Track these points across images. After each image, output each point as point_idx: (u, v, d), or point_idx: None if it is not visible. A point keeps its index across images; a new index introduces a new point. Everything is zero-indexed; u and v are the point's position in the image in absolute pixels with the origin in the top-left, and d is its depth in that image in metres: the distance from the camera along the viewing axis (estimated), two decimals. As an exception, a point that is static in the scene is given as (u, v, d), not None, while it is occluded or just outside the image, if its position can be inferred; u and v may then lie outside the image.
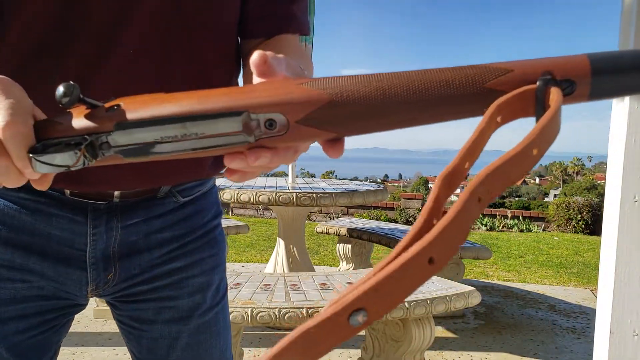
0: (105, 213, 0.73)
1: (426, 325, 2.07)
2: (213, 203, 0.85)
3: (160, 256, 0.77)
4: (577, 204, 8.16)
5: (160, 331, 0.79)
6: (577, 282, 4.33)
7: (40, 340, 0.75)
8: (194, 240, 0.80)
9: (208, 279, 0.81)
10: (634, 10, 1.24)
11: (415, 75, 0.34)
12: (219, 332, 0.83)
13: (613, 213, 1.28)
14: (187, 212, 0.79)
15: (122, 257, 0.76)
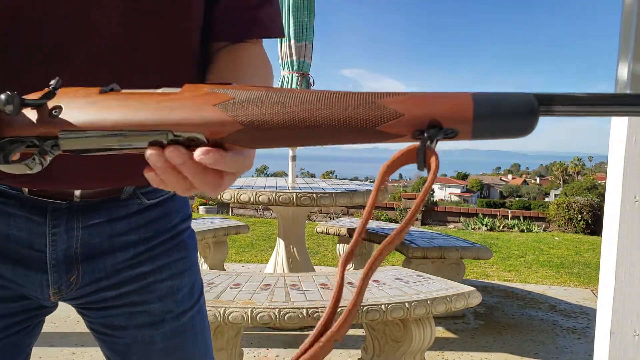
0: (65, 213, 0.71)
1: (426, 326, 2.07)
2: (181, 206, 0.83)
3: (125, 260, 0.75)
4: (578, 204, 8.16)
5: (133, 337, 0.77)
6: (577, 282, 4.32)
7: (10, 343, 0.73)
8: (162, 244, 0.78)
9: (177, 282, 0.79)
10: (634, 10, 1.23)
11: (320, 111, 0.38)
12: (196, 335, 0.81)
13: (614, 213, 1.28)
14: (153, 214, 0.77)
15: (85, 260, 0.73)
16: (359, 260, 3.82)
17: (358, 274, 2.39)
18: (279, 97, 0.39)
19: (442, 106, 0.36)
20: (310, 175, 56.58)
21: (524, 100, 0.36)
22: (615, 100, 0.36)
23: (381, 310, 1.93)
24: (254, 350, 2.59)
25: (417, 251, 3.02)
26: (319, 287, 2.15)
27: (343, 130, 0.38)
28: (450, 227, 8.65)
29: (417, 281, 2.26)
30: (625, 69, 1.26)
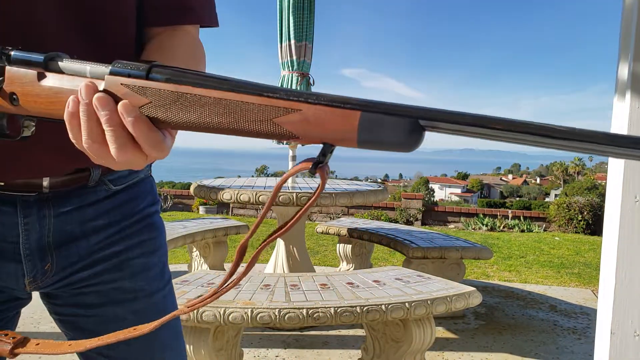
0: (35, 204, 0.72)
1: (427, 326, 2.07)
2: (148, 192, 0.85)
3: (98, 242, 0.77)
4: (578, 204, 8.15)
5: (104, 314, 0.79)
6: (578, 282, 4.32)
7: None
8: (131, 225, 0.80)
9: (149, 260, 0.81)
10: (634, 10, 1.23)
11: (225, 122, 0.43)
12: (167, 309, 0.83)
13: (614, 213, 1.28)
14: (120, 199, 0.80)
15: (59, 247, 0.75)
16: (359, 260, 3.82)
17: (359, 274, 2.39)
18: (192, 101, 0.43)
19: (331, 130, 0.40)
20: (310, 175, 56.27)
21: (403, 128, 0.38)
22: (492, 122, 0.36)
23: (381, 310, 1.93)
24: (254, 350, 2.59)
25: (417, 251, 3.02)
26: (319, 287, 2.15)
27: (245, 134, 0.43)
28: (451, 227, 8.65)
29: (417, 281, 2.26)
30: (625, 68, 1.26)
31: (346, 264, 3.87)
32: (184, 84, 0.44)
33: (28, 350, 0.60)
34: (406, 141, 0.38)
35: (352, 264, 3.81)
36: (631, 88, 1.24)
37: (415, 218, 8.84)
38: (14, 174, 0.70)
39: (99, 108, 0.45)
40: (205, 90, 0.43)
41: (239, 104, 0.42)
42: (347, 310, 1.91)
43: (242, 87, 0.43)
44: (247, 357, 2.44)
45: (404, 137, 0.38)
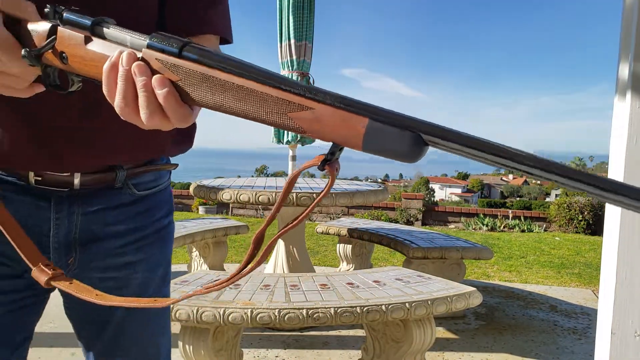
0: (67, 200, 0.80)
1: (427, 326, 2.07)
2: (166, 201, 0.92)
3: (115, 247, 0.84)
4: (579, 204, 8.15)
5: (109, 315, 0.87)
6: (578, 282, 4.32)
7: (14, 318, 0.82)
8: (147, 237, 0.87)
9: (151, 275, 0.89)
10: (635, 10, 1.23)
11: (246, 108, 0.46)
12: (163, 318, 0.93)
13: (614, 213, 1.27)
14: (141, 207, 0.86)
15: (83, 244, 0.82)
16: (359, 260, 3.81)
17: (359, 274, 2.39)
18: (217, 84, 0.47)
19: (338, 132, 0.42)
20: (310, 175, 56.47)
21: (406, 141, 0.40)
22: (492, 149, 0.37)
23: (381, 310, 1.92)
24: (254, 350, 2.59)
25: (417, 251, 3.02)
26: (319, 288, 2.15)
27: (260, 121, 0.47)
28: (451, 227, 8.65)
29: (417, 281, 2.26)
30: (625, 68, 1.26)
31: (346, 264, 3.87)
32: (212, 67, 0.47)
33: (60, 285, 0.67)
34: (408, 153, 0.40)
35: (352, 264, 3.81)
36: (631, 88, 1.24)
37: (415, 218, 8.84)
38: (42, 166, 0.77)
39: (137, 74, 0.49)
40: (230, 76, 0.46)
41: (258, 94, 0.45)
42: (347, 311, 1.91)
43: (264, 77, 0.45)
44: (247, 358, 2.44)
45: (407, 148, 0.40)
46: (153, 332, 0.92)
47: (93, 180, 0.80)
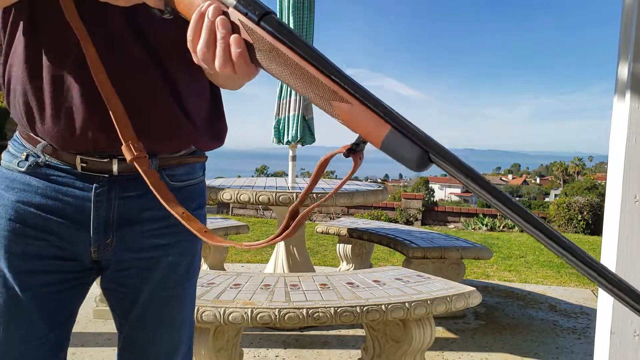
0: (107, 185, 0.87)
1: (427, 326, 2.07)
2: (198, 195, 0.99)
3: (148, 230, 0.91)
4: (578, 204, 8.15)
5: (134, 296, 0.94)
6: (577, 282, 4.32)
7: (58, 298, 0.90)
8: (177, 224, 0.88)
9: (179, 259, 0.95)
10: (634, 10, 1.23)
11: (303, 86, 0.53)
12: (186, 304, 0.99)
13: (614, 213, 1.28)
14: (176, 197, 0.90)
15: (120, 226, 0.89)
16: (359, 260, 3.82)
17: (359, 274, 2.39)
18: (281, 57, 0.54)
19: (365, 128, 0.50)
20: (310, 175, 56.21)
21: (416, 154, 0.48)
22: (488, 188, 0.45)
23: (381, 310, 1.93)
24: (254, 350, 2.59)
25: (417, 251, 3.02)
26: (319, 287, 2.15)
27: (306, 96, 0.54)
28: (451, 227, 8.65)
29: (417, 281, 2.26)
30: (625, 69, 1.26)
31: (346, 264, 3.87)
32: (280, 42, 0.54)
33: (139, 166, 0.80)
34: (414, 164, 0.48)
35: (352, 264, 3.81)
36: (631, 88, 1.24)
37: (415, 218, 8.84)
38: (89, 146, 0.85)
39: (219, 27, 0.57)
40: (293, 54, 0.53)
41: (311, 77, 0.52)
42: (347, 310, 1.91)
43: (320, 64, 0.52)
44: (247, 357, 2.44)
45: (415, 161, 0.48)
46: (176, 315, 0.98)
47: (130, 168, 0.84)
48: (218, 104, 0.99)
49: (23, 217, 0.86)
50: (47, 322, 0.89)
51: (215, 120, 0.98)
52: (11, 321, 0.87)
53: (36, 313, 0.87)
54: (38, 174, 0.87)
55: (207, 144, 0.96)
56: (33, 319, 0.87)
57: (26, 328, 0.87)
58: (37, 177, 0.87)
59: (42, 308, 0.88)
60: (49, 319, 0.89)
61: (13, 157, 0.88)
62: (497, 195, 0.44)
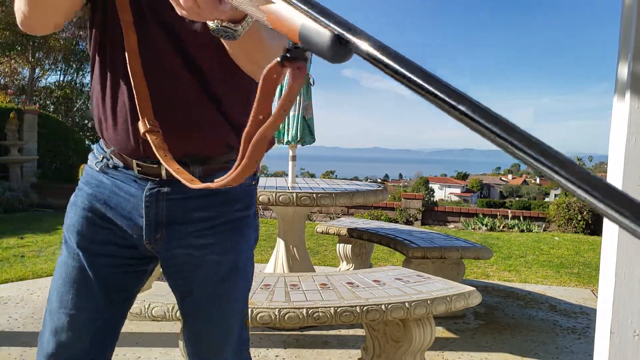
0: (157, 187, 1.00)
1: (426, 326, 2.07)
2: (245, 197, 1.06)
3: (194, 230, 1.01)
4: (578, 204, 8.15)
5: (192, 284, 1.05)
6: (577, 282, 4.32)
7: (118, 280, 1.04)
8: (222, 224, 1.02)
9: (222, 258, 1.03)
10: (634, 10, 1.23)
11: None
12: (232, 302, 1.06)
13: (614, 213, 1.27)
14: (218, 200, 1.02)
15: (168, 225, 1.01)
16: (359, 260, 3.82)
17: (359, 274, 2.39)
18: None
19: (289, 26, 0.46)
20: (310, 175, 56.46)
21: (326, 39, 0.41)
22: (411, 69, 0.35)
23: (381, 310, 1.93)
24: (254, 350, 2.59)
25: (417, 251, 3.02)
26: (319, 287, 2.15)
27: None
28: (451, 227, 8.65)
29: (417, 281, 2.26)
30: (625, 69, 1.26)
31: (346, 264, 3.87)
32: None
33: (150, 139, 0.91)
34: (326, 49, 0.41)
35: (352, 264, 3.81)
36: (631, 88, 1.24)
37: (415, 218, 8.84)
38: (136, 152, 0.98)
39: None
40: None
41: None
42: (347, 310, 1.91)
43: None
44: (247, 357, 2.44)
45: (326, 45, 0.41)
46: (220, 312, 1.05)
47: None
48: None
49: (94, 208, 1.02)
50: (106, 300, 1.02)
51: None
52: (77, 291, 1.00)
53: (97, 290, 1.01)
54: (108, 174, 1.03)
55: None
56: (94, 295, 1.01)
57: (87, 300, 1.01)
58: (107, 176, 1.03)
59: (103, 287, 1.02)
60: (108, 298, 1.03)
61: (94, 158, 1.05)
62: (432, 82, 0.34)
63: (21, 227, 6.12)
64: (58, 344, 1.00)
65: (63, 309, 1.00)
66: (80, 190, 1.05)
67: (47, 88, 15.28)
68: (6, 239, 5.30)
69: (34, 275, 3.88)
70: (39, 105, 11.52)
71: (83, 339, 1.01)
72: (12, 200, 7.46)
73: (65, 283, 1.01)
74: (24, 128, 8.78)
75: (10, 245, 5.04)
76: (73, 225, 1.03)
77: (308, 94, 3.29)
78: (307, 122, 3.29)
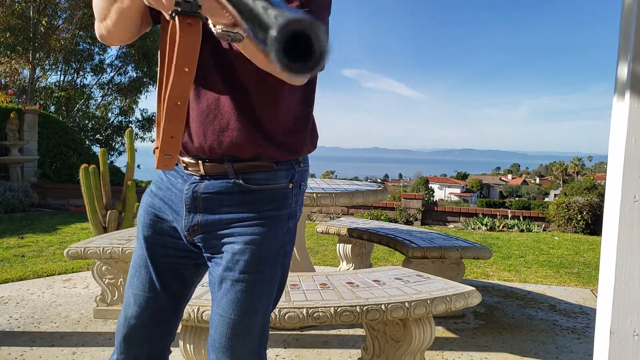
0: (196, 183, 1.11)
1: (426, 325, 2.07)
2: (278, 199, 1.12)
3: (224, 223, 1.10)
4: (578, 204, 8.15)
5: (214, 277, 1.12)
6: (577, 282, 4.33)
7: (173, 268, 1.17)
8: (251, 219, 1.10)
9: (247, 249, 1.08)
10: (634, 10, 1.24)
11: None
12: (256, 294, 1.10)
13: (613, 213, 1.28)
14: (250, 198, 1.10)
15: (203, 214, 1.11)
16: (359, 260, 3.82)
17: (359, 274, 2.40)
18: None
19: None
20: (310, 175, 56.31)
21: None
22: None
23: (381, 310, 1.93)
24: (254, 350, 2.59)
25: (417, 251, 3.02)
26: (319, 287, 2.15)
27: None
28: (450, 227, 8.65)
29: (417, 281, 2.26)
30: (624, 68, 1.26)
31: (346, 264, 3.87)
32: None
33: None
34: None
35: (352, 264, 3.81)
36: (630, 88, 1.24)
37: (415, 218, 8.84)
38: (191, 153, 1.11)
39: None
40: None
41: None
42: (347, 310, 1.91)
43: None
44: (247, 357, 2.44)
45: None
46: (244, 301, 1.09)
47: (210, 169, 1.10)
48: (301, 119, 1.13)
49: (154, 203, 1.18)
50: (162, 285, 1.16)
51: (295, 134, 1.12)
52: (140, 275, 1.16)
53: (156, 275, 1.15)
54: (166, 172, 1.17)
55: (279, 153, 1.09)
56: (153, 280, 1.15)
57: (147, 283, 1.15)
58: (165, 174, 1.17)
59: (161, 273, 1.16)
60: (164, 283, 1.16)
61: None
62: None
63: (21, 227, 6.12)
64: (125, 317, 1.18)
65: (130, 288, 1.17)
66: (150, 186, 1.21)
67: (47, 88, 15.29)
68: (6, 239, 5.31)
69: (34, 275, 3.88)
70: (39, 106, 11.52)
71: (144, 313, 1.16)
72: (13, 200, 7.46)
73: (133, 267, 1.18)
74: (24, 128, 8.78)
75: (11, 245, 5.05)
76: (140, 216, 1.20)
77: (308, 94, 3.29)
78: (307, 122, 3.29)
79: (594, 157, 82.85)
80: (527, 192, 58.60)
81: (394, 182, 66.10)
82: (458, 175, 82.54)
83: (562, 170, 59.92)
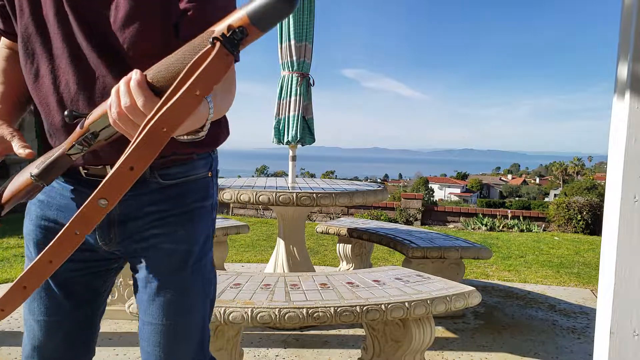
0: None
1: (426, 325, 2.07)
2: (200, 189, 1.06)
3: (147, 222, 1.01)
4: (578, 204, 8.15)
5: (143, 281, 1.03)
6: (577, 282, 4.33)
7: (83, 281, 1.05)
8: (171, 215, 1.02)
9: (176, 247, 1.02)
10: (634, 10, 1.24)
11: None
12: (191, 292, 1.03)
13: (613, 213, 1.28)
14: (172, 192, 1.02)
15: (120, 223, 1.01)
16: (358, 260, 3.82)
17: (359, 274, 2.40)
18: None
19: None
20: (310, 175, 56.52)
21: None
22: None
23: (381, 310, 1.93)
24: (254, 350, 2.59)
25: (417, 251, 3.03)
26: (319, 287, 2.15)
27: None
28: (450, 227, 8.65)
29: (417, 281, 2.26)
30: (624, 69, 1.26)
31: (346, 264, 3.87)
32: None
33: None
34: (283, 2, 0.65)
35: (352, 264, 3.81)
36: (630, 88, 1.24)
37: (414, 218, 8.84)
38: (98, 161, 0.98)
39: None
40: None
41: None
42: (347, 310, 1.91)
43: None
44: (247, 357, 2.44)
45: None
46: (179, 302, 1.02)
47: None
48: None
49: (45, 214, 1.03)
50: (72, 302, 1.04)
51: (212, 125, 1.01)
52: (41, 299, 1.02)
53: (61, 295, 1.03)
54: (59, 182, 1.02)
55: (192, 149, 1.01)
56: (58, 300, 1.03)
57: (52, 306, 1.03)
58: (57, 181, 1.02)
59: (67, 291, 1.03)
60: (74, 300, 1.04)
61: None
62: None
63: (21, 227, 6.11)
64: (32, 347, 1.05)
65: (32, 315, 1.04)
66: (37, 195, 1.04)
67: (47, 88, 15.28)
68: (6, 239, 5.30)
69: (34, 275, 3.88)
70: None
71: (55, 340, 1.04)
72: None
73: None
74: (24, 127, 8.78)
75: (11, 245, 5.04)
76: (29, 234, 1.05)
77: (308, 94, 3.29)
78: (307, 122, 3.29)
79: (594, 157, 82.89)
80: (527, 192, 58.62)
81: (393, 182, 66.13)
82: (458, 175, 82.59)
83: (562, 170, 59.97)
